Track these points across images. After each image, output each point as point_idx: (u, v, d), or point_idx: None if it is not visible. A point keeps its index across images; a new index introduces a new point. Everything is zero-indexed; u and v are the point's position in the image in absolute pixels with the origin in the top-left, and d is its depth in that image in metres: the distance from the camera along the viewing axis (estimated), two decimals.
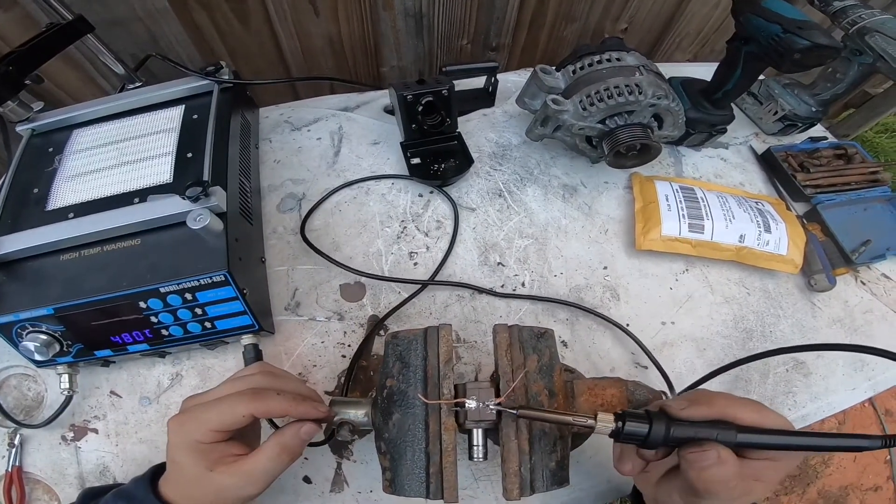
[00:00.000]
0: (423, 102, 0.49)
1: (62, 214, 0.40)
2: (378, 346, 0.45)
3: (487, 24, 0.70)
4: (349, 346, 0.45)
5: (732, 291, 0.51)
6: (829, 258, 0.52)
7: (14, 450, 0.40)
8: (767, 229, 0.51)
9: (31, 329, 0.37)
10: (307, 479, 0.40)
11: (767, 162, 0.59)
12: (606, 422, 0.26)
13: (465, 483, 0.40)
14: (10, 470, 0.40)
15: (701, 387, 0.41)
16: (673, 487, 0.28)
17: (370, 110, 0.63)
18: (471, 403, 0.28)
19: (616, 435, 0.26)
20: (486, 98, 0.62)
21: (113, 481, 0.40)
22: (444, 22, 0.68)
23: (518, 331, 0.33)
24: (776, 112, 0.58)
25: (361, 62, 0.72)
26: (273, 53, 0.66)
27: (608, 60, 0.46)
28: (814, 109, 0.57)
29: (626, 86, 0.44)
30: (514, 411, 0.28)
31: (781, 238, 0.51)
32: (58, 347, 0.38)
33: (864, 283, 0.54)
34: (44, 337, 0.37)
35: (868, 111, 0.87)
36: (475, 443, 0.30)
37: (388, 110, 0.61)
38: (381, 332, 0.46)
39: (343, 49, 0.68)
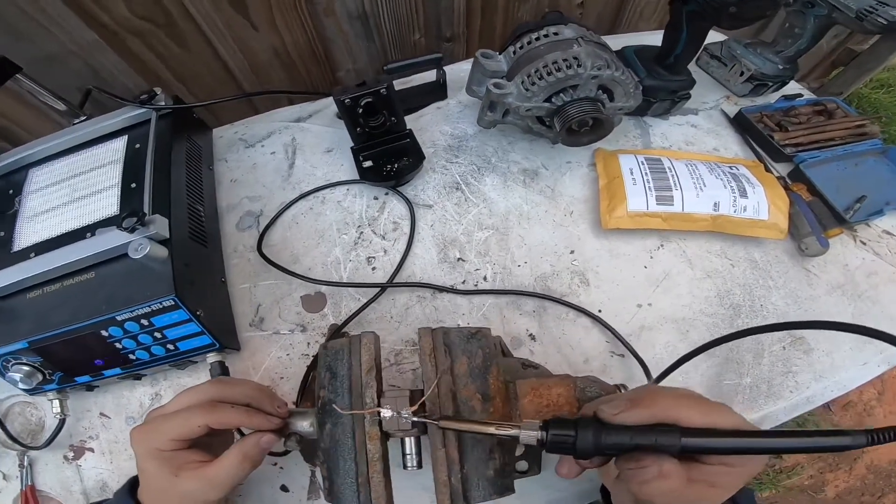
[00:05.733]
0: (362, 104, 0.51)
1: (25, 255, 0.43)
2: None
3: (436, 16, 0.72)
4: (313, 356, 0.47)
5: (714, 264, 0.51)
6: (818, 219, 0.51)
7: (24, 470, 0.45)
8: (743, 194, 0.50)
9: (13, 361, 0.41)
10: (284, 488, 0.42)
11: (741, 124, 0.59)
12: (531, 430, 0.25)
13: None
14: (24, 489, 0.45)
15: (674, 373, 0.41)
16: (622, 490, 0.27)
17: (323, 118, 0.65)
18: (385, 412, 0.29)
19: (542, 445, 0.26)
20: (438, 91, 0.63)
21: (112, 496, 0.43)
22: (390, 19, 0.70)
23: (444, 333, 0.33)
24: (742, 73, 0.58)
25: (314, 70, 0.75)
26: (221, 73, 0.69)
27: (545, 36, 0.47)
28: (780, 67, 0.57)
29: (564, 59, 0.45)
30: (436, 422, 0.28)
31: (760, 202, 0.50)
32: (41, 377, 0.42)
33: (863, 243, 0.53)
34: (26, 368, 0.41)
35: (857, 68, 0.88)
36: (407, 451, 0.31)
37: (340, 116, 0.63)
38: None
39: (291, 59, 0.71)
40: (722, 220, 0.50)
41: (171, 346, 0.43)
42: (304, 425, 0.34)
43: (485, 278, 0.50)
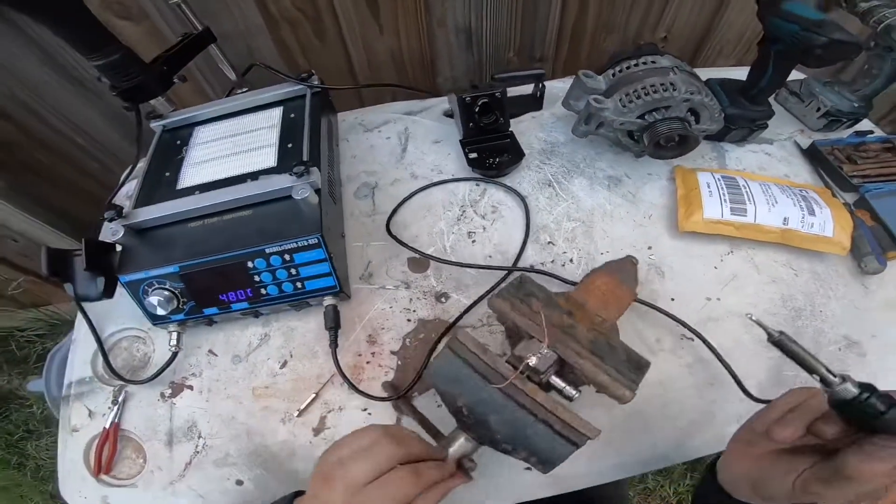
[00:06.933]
0: (479, 104, 0.62)
1: (190, 192, 0.53)
2: None
3: (532, 37, 0.83)
4: (414, 311, 0.55)
5: (780, 272, 0.58)
6: (878, 243, 0.58)
7: (116, 407, 0.49)
8: (812, 213, 0.57)
9: (157, 286, 0.48)
10: None
11: (812, 155, 0.66)
12: (852, 386, 0.25)
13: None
14: (108, 427, 0.47)
15: (738, 361, 0.47)
16: (801, 465, 0.27)
17: (431, 114, 0.76)
18: (531, 360, 0.34)
19: (846, 404, 0.25)
20: (534, 103, 0.73)
21: (199, 437, 0.49)
22: (491, 35, 0.81)
23: (505, 292, 0.39)
24: (819, 108, 0.66)
25: (419, 74, 0.86)
26: (344, 67, 0.82)
27: (644, 63, 0.56)
28: (856, 105, 0.64)
29: (662, 84, 0.54)
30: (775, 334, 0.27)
31: (826, 221, 0.57)
32: (175, 304, 0.48)
33: None
34: (166, 293, 0.47)
35: None
36: (559, 387, 0.34)
37: (448, 114, 0.74)
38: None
39: (403, 62, 0.83)
40: (790, 234, 0.57)
41: (299, 284, 0.50)
42: (462, 443, 0.36)
43: (571, 260, 0.58)
